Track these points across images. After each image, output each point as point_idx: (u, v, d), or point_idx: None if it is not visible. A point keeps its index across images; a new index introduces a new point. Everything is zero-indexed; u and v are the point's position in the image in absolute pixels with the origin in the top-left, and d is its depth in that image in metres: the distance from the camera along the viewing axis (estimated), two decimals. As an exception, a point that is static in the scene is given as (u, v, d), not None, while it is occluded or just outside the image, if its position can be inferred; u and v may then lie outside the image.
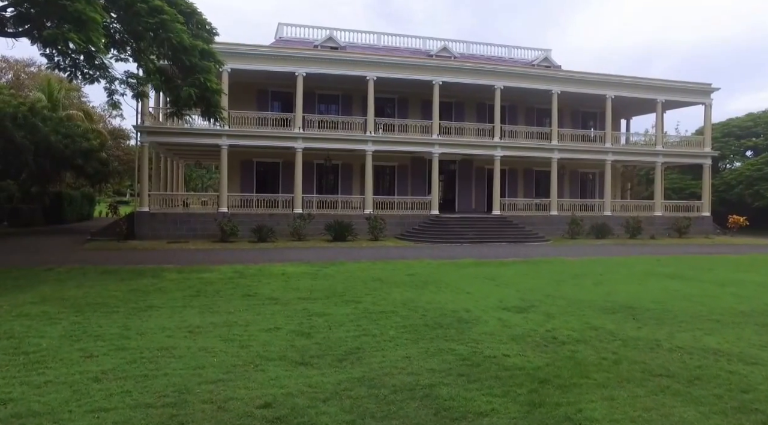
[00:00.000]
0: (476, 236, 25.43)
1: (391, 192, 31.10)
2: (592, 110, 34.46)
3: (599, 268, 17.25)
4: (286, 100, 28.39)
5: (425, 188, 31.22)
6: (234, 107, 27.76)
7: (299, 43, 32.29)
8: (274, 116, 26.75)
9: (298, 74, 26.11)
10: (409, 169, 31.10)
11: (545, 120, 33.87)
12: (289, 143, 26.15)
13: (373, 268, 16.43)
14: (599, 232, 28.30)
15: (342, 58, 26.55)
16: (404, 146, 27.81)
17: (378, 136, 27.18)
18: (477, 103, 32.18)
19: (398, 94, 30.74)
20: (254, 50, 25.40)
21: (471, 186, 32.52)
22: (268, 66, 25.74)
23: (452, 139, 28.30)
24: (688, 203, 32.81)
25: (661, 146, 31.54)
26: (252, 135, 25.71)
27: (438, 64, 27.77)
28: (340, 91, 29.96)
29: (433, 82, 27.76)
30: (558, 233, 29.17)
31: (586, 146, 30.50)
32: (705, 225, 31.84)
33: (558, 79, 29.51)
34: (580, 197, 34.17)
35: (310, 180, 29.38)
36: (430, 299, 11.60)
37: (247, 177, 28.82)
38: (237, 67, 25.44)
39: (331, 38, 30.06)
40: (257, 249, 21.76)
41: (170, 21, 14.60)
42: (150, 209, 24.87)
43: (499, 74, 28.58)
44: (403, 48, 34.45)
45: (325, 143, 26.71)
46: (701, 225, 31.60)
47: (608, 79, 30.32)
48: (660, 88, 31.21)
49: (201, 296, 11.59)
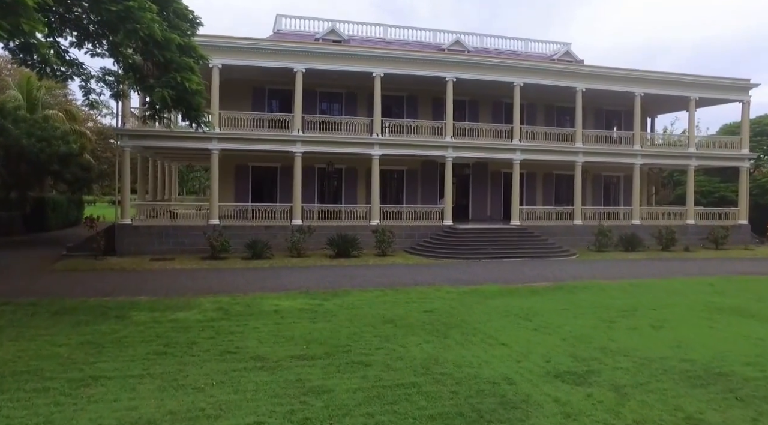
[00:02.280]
0: (495, 251, 22.89)
1: (399, 199, 28.57)
2: (616, 109, 31.81)
3: (647, 298, 14.71)
4: (284, 99, 25.87)
5: (437, 194, 28.67)
6: (227, 107, 25.25)
7: (299, 36, 29.71)
8: (271, 116, 24.22)
9: (296, 70, 23.56)
10: (418, 173, 28.56)
11: (566, 119, 31.24)
12: (287, 147, 23.63)
13: (383, 300, 13.93)
14: (628, 244, 25.71)
15: (345, 53, 23.98)
16: (414, 150, 25.27)
17: (385, 138, 24.63)
18: (493, 101, 29.57)
19: (407, 92, 28.16)
20: (248, 44, 22.87)
21: (486, 192, 29.96)
22: (263, 61, 23.20)
23: (467, 141, 25.74)
24: (723, 211, 30.15)
25: (694, 147, 28.88)
26: (246, 138, 23.20)
27: (451, 58, 25.17)
28: (343, 89, 27.40)
29: (447, 78, 25.16)
30: (582, 244, 26.60)
31: (613, 149, 27.87)
32: (742, 234, 29.20)
33: (583, 76, 26.86)
34: (603, 203, 31.57)
35: (310, 186, 26.87)
36: (457, 357, 9.12)
37: (241, 183, 26.34)
38: (229, 63, 22.92)
39: (333, 31, 27.48)
40: (250, 269, 19.28)
41: (137, 9, 12.06)
42: (132, 221, 22.41)
43: (518, 70, 25.95)
44: (411, 42, 31.83)
45: (327, 146, 24.18)
46: (738, 234, 28.96)
47: (638, 76, 27.66)
48: (694, 84, 28.51)
49: (168, 354, 9.14)
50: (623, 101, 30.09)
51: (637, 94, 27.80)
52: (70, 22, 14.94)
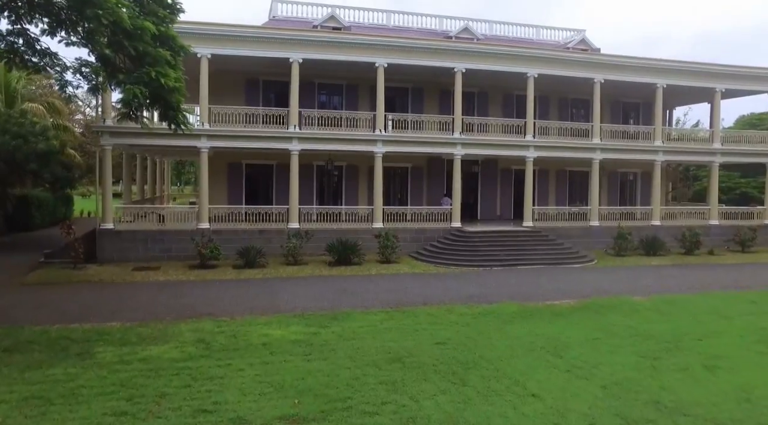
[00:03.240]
0: (507, 257, 21.16)
1: (403, 198, 26.79)
2: (633, 100, 29.88)
3: (688, 322, 13.00)
4: (280, 91, 23.95)
5: (443, 192, 26.88)
6: (217, 100, 23.39)
7: (296, 22, 27.72)
8: (265, 111, 22.35)
9: (293, 61, 21.66)
10: (424, 170, 26.76)
11: (580, 112, 29.35)
12: (283, 144, 21.81)
13: (388, 327, 12.23)
14: (649, 247, 23.93)
15: (346, 41, 22.05)
16: (420, 147, 23.44)
17: (389, 135, 22.79)
18: (503, 93, 27.65)
19: (412, 84, 26.25)
20: (239, 32, 20.95)
21: (495, 189, 28.16)
22: (256, 50, 21.30)
23: (477, 138, 23.88)
24: (748, 210, 28.34)
25: (719, 142, 26.99)
26: (238, 135, 21.37)
27: (460, 47, 23.23)
28: (343, 80, 25.50)
29: (455, 69, 23.24)
30: (599, 246, 24.81)
31: (633, 145, 25.99)
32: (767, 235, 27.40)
33: (601, 66, 24.91)
34: (619, 201, 29.75)
35: (309, 184, 25.09)
36: (481, 419, 7.46)
37: (235, 182, 24.56)
38: (219, 53, 21.02)
39: (332, 17, 25.50)
40: (241, 281, 17.57)
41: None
42: (115, 225, 20.68)
43: (533, 60, 24.00)
44: (416, 29, 29.81)
45: (326, 143, 22.35)
46: (764, 235, 27.15)
47: (660, 65, 25.70)
48: (720, 74, 26.55)
49: (129, 414, 7.49)
50: (641, 92, 28.19)
51: (659, 85, 25.86)
52: (39, 7, 13.08)
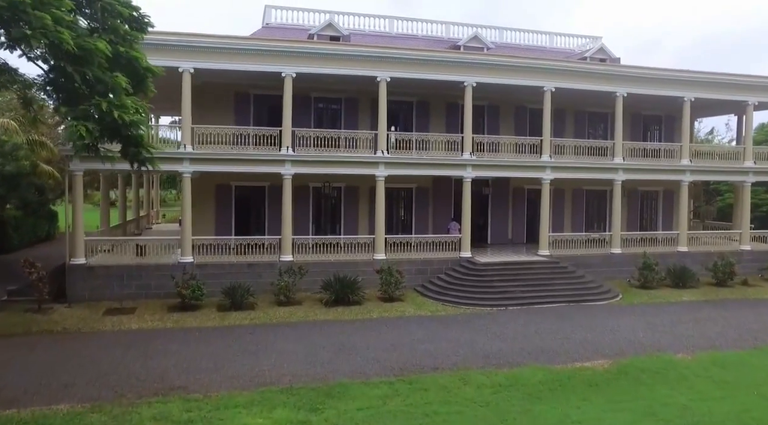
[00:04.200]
0: (524, 294, 19.03)
1: (407, 222, 24.66)
2: (655, 113, 27.71)
3: (752, 398, 10.86)
4: (273, 106, 21.72)
5: (450, 214, 24.76)
6: (203, 116, 21.35)
7: (291, 30, 25.62)
8: (256, 131, 20.21)
9: (285, 75, 19.55)
10: (430, 191, 24.60)
11: (599, 127, 27.20)
12: (275, 168, 19.70)
13: (392, 409, 10.11)
14: (678, 278, 21.79)
15: (344, 53, 19.92)
16: (427, 169, 21.32)
17: (392, 157, 20.64)
18: (515, 105, 25.52)
19: (417, 97, 24.12)
20: (225, 44, 18.83)
21: (506, 211, 26.02)
22: (244, 64, 19.20)
23: (489, 159, 21.72)
24: (781, 232, 26.21)
25: (752, 160, 24.81)
26: (225, 158, 19.25)
27: (471, 59, 21.07)
28: (342, 94, 23.37)
29: (465, 83, 21.10)
30: (621, 276, 22.69)
31: (658, 164, 23.82)
32: (804, 261, 25.23)
33: (624, 78, 22.75)
34: (639, 222, 27.60)
35: (304, 209, 22.98)
36: None
37: (223, 205, 22.42)
38: (203, 67, 18.93)
39: (330, 25, 23.36)
40: (224, 329, 15.45)
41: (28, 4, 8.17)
42: (87, 259, 18.58)
43: (550, 72, 21.86)
44: (421, 37, 27.71)
45: (323, 167, 20.23)
46: (798, 261, 25.01)
47: (688, 77, 23.55)
48: (753, 86, 24.39)
49: None
50: (663, 105, 26.05)
51: (686, 99, 23.72)
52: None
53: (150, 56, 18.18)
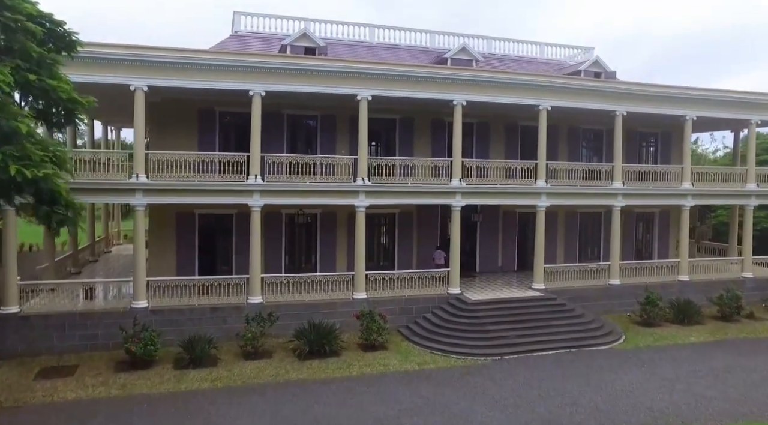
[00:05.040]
0: (520, 338, 17.18)
1: (389, 251, 22.63)
2: (650, 130, 26.18)
3: None
4: (241, 124, 19.36)
5: (436, 241, 22.81)
6: (161, 140, 19.18)
7: (262, 39, 23.36)
8: (221, 157, 17.91)
9: (254, 93, 17.34)
10: (414, 217, 22.61)
11: (593, 145, 25.53)
12: (242, 199, 17.49)
13: None
14: (683, 313, 20.21)
15: (320, 69, 17.76)
16: (412, 198, 19.29)
17: (374, 185, 18.55)
18: (506, 123, 23.68)
19: (400, 114, 22.07)
20: (183, 58, 16.50)
21: (496, 237, 24.18)
22: (206, 81, 16.92)
23: (479, 186, 19.78)
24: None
25: (755, 183, 23.39)
26: (184, 189, 16.93)
27: (461, 75, 19.09)
28: (318, 111, 21.22)
29: (454, 101, 19.15)
30: (621, 309, 21.10)
31: (659, 188, 22.22)
32: (806, 288, 23.96)
33: (625, 96, 21.07)
34: (634, 246, 26.04)
35: (276, 239, 20.80)
36: None
37: (185, 237, 20.07)
38: (158, 85, 16.59)
39: (305, 35, 21.16)
40: (179, 396, 13.19)
41: None
42: (21, 308, 16.12)
43: (546, 90, 20.05)
44: (404, 46, 25.69)
45: (296, 196, 18.07)
46: (800, 287, 23.73)
47: (690, 95, 21.98)
48: (756, 105, 22.98)
49: None
50: (659, 121, 24.51)
51: (688, 118, 22.17)
52: None
53: (94, 73, 15.96)
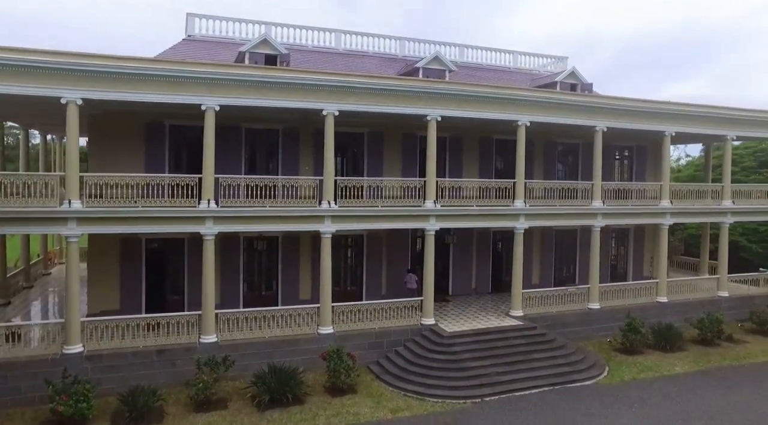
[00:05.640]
0: (501, 375, 15.94)
1: (357, 276, 21.05)
2: (626, 143, 25.42)
3: None
4: (195, 140, 17.18)
5: (407, 264, 21.40)
6: (102, 157, 17.22)
7: (218, 44, 21.44)
8: (170, 179, 15.93)
9: (207, 108, 15.48)
10: (384, 238, 21.09)
11: (570, 160, 24.56)
12: (194, 227, 15.60)
13: None
14: (664, 339, 19.41)
15: (282, 81, 16.00)
16: (383, 222, 17.72)
17: (340, 209, 16.92)
18: (480, 137, 22.42)
19: (369, 128, 20.51)
20: (124, 68, 14.45)
21: (470, 257, 22.90)
22: (152, 93, 14.94)
23: (454, 208, 18.38)
24: (755, 276, 24.51)
25: (730, 200, 22.87)
26: (126, 217, 14.92)
27: (435, 88, 17.64)
28: (280, 124, 19.46)
29: (428, 117, 17.74)
30: (601, 334, 20.23)
31: (639, 207, 21.35)
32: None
33: (605, 111, 20.11)
34: (609, 266, 25.15)
35: (233, 264, 18.99)
36: None
37: (130, 265, 17.99)
38: (95, 98, 14.53)
39: (265, 41, 19.35)
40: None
41: None
42: (-71, 357, 13.87)
43: (526, 104, 18.84)
44: (372, 54, 24.16)
45: (255, 223, 16.28)
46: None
47: (670, 110, 21.19)
48: (733, 120, 22.45)
49: None
50: (634, 135, 23.63)
51: (667, 133, 21.41)
52: None
53: (14, 83, 13.79)
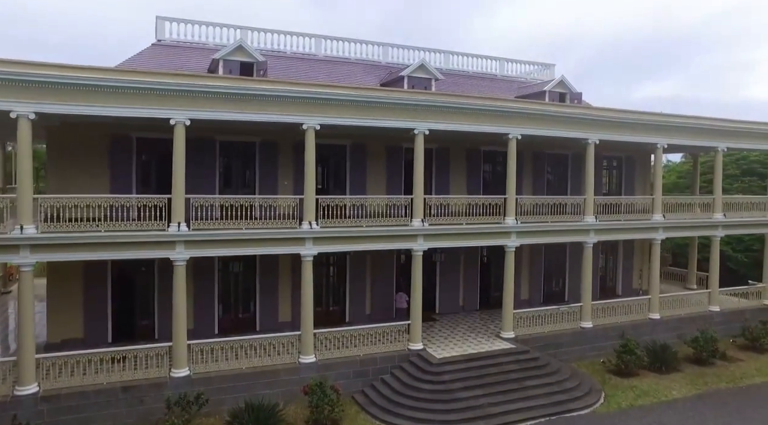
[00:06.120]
0: (493, 406, 15.02)
1: (340, 297, 19.96)
2: (615, 154, 24.80)
3: None
4: (164, 154, 15.85)
5: (393, 281, 20.42)
6: (61, 174, 15.87)
7: (189, 50, 20.16)
8: (138, 200, 14.64)
9: (176, 122, 14.24)
10: (367, 256, 20.01)
11: (558, 171, 23.79)
12: (163, 252, 14.34)
13: None
14: (660, 360, 18.74)
15: (259, 93, 14.82)
16: (367, 243, 16.63)
17: (322, 230, 15.78)
18: (468, 148, 21.50)
19: (351, 140, 19.44)
20: (81, 79, 13.10)
21: (458, 275, 21.97)
22: (114, 107, 13.63)
23: (443, 226, 17.37)
24: (744, 289, 24.07)
25: (722, 213, 22.37)
26: (86, 243, 13.58)
27: (421, 100, 16.63)
28: (257, 137, 18.26)
29: (416, 130, 16.74)
30: (593, 354, 19.52)
31: (631, 223, 20.62)
32: None
33: (598, 124, 19.38)
34: (599, 279, 24.47)
35: (207, 289, 17.76)
36: None
37: (94, 289, 16.62)
38: (50, 112, 13.19)
39: (241, 48, 18.14)
40: None
41: None
42: None
43: (517, 117, 17.97)
44: (354, 60, 23.09)
45: (229, 246, 15.06)
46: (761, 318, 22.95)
47: (663, 122, 20.58)
48: (724, 132, 21.96)
49: None
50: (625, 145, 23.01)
51: (659, 145, 20.80)
52: None
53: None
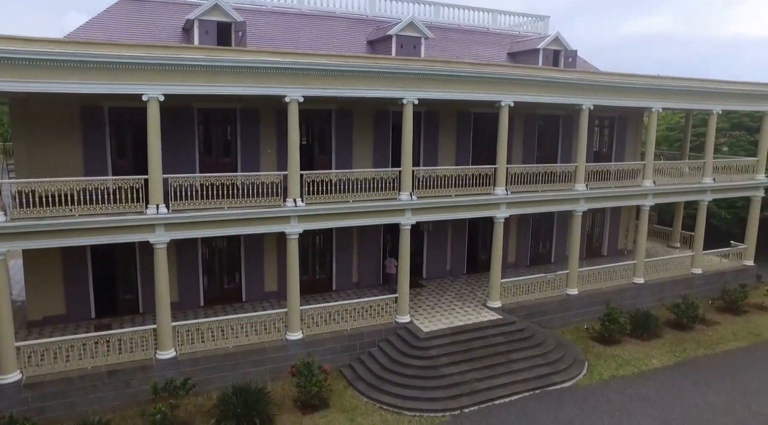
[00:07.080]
0: (479, 381, 15.26)
1: (325, 265, 19.74)
2: (608, 114, 24.17)
3: None
4: (140, 124, 15.07)
5: (379, 248, 20.23)
6: (31, 151, 14.97)
7: (161, 7, 18.73)
8: (114, 182, 13.89)
9: (149, 98, 13.31)
10: (354, 228, 19.61)
11: (550, 133, 23.16)
12: (142, 236, 13.82)
13: None
14: (641, 327, 19.08)
15: (235, 65, 13.79)
16: (354, 219, 16.16)
17: (307, 207, 15.25)
18: (458, 111, 20.73)
19: (337, 105, 18.58)
20: (36, 54, 11.96)
21: (445, 239, 21.81)
22: (76, 82, 12.54)
23: (432, 200, 16.91)
24: (724, 251, 24.31)
25: (711, 177, 22.18)
26: (59, 230, 12.96)
27: (410, 68, 15.68)
28: (237, 104, 17.32)
29: (404, 100, 15.94)
30: (577, 320, 19.84)
31: (622, 190, 20.32)
32: (747, 279, 23.69)
33: (592, 89, 18.64)
34: (585, 240, 24.49)
35: (191, 262, 17.40)
36: None
37: (74, 264, 16.20)
38: (5, 90, 12.20)
39: (217, 6, 16.81)
40: None
41: None
42: None
43: (511, 83, 17.15)
44: (339, 14, 21.75)
45: (212, 227, 14.53)
46: (742, 279, 23.45)
47: (659, 86, 19.84)
48: (720, 94, 21.32)
49: None
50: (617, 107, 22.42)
51: (654, 109, 20.21)
52: None
53: None
